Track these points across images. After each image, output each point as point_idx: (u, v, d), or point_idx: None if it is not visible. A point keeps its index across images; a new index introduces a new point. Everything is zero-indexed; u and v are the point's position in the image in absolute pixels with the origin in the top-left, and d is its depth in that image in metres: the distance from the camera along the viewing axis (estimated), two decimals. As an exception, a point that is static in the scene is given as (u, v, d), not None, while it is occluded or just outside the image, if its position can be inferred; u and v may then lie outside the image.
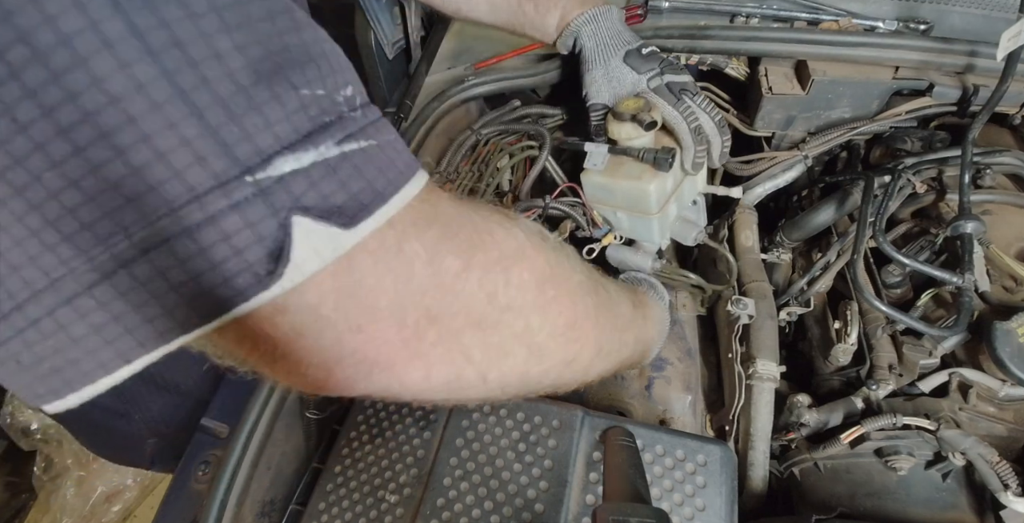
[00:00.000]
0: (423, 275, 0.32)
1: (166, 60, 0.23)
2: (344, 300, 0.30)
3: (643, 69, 0.77)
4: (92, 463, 1.68)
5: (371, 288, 0.30)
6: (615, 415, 0.62)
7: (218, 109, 0.24)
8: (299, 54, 0.27)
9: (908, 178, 0.77)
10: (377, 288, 0.31)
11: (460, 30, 1.09)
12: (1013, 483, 0.57)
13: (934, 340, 0.68)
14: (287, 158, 0.26)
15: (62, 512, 1.64)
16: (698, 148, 0.76)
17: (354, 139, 0.29)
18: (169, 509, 0.65)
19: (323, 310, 0.30)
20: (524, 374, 0.42)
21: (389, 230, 0.30)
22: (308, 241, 0.27)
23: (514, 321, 0.39)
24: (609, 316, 0.51)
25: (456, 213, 0.36)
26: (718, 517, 0.55)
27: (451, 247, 0.34)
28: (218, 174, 0.25)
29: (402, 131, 0.92)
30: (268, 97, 0.25)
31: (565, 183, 0.82)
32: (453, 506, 0.57)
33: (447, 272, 0.34)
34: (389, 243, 0.30)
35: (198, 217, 0.25)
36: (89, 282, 0.25)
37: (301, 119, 0.27)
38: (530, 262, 0.39)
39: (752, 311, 0.75)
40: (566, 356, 0.45)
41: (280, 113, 0.26)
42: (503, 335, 0.38)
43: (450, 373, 0.37)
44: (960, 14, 0.92)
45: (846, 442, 0.64)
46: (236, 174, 0.25)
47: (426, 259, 0.32)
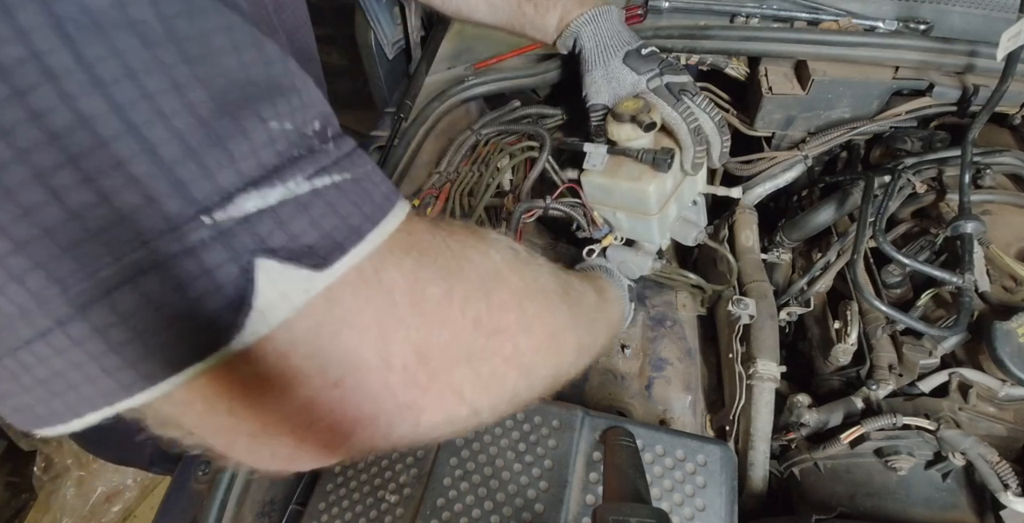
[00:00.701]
0: (404, 305, 0.29)
1: (116, 93, 0.21)
2: (319, 344, 0.26)
3: (643, 70, 0.77)
4: (92, 463, 1.68)
5: (351, 326, 0.27)
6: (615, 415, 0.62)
7: (174, 145, 0.22)
8: (267, 87, 0.25)
9: (908, 178, 0.77)
10: (357, 326, 0.27)
11: (460, 30, 1.09)
12: (1013, 483, 0.57)
13: (934, 340, 0.68)
14: (251, 195, 0.23)
15: (62, 512, 1.64)
16: (697, 149, 0.76)
17: (327, 173, 0.26)
18: (169, 509, 0.65)
19: (294, 359, 0.26)
20: (514, 396, 0.39)
21: (366, 263, 0.27)
22: (275, 286, 0.24)
23: (502, 346, 0.36)
24: (582, 313, 0.50)
25: (432, 240, 0.33)
26: (718, 517, 0.55)
27: (430, 275, 0.31)
28: (171, 217, 0.22)
29: (402, 131, 0.92)
30: (233, 130, 0.23)
31: (565, 184, 0.82)
32: (453, 506, 0.57)
33: (430, 300, 0.31)
34: (367, 275, 0.28)
35: (145, 265, 0.22)
36: (46, 328, 0.22)
37: (268, 154, 0.24)
38: (507, 282, 0.37)
39: (753, 311, 0.75)
40: (553, 366, 0.43)
41: (246, 148, 0.23)
42: (494, 363, 0.36)
43: (443, 417, 0.33)
44: (960, 14, 0.92)
45: (846, 442, 0.64)
46: (191, 215, 0.22)
47: (405, 289, 0.29)
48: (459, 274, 0.34)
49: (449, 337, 0.32)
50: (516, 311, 0.38)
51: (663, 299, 0.88)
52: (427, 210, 0.87)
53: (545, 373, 0.42)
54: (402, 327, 0.29)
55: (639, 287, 0.89)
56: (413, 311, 0.30)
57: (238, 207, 0.23)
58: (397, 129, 0.93)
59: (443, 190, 0.90)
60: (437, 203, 0.89)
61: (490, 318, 0.35)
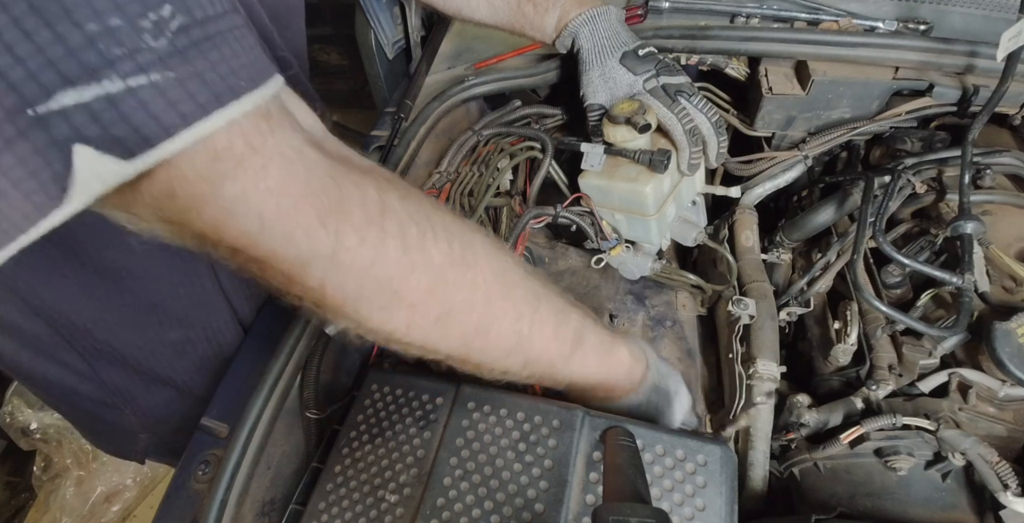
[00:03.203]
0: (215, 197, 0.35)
1: None
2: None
3: (639, 70, 0.77)
4: (91, 463, 1.68)
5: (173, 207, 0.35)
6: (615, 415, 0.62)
7: (6, 56, 0.27)
8: None
9: (908, 178, 0.77)
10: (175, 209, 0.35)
11: (460, 30, 1.09)
12: (1013, 483, 0.57)
13: (934, 340, 0.68)
14: (68, 93, 0.28)
15: (61, 512, 1.64)
16: (693, 149, 0.76)
17: (144, 72, 0.30)
18: (169, 509, 0.65)
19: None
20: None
21: (181, 157, 0.33)
22: (90, 168, 0.30)
23: (318, 296, 0.41)
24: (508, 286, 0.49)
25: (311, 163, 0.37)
26: (718, 517, 0.55)
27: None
28: (8, 108, 0.28)
29: (402, 131, 0.92)
30: (50, 38, 0.28)
31: (571, 193, 0.83)
32: (453, 506, 0.57)
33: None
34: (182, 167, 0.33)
35: (1, 143, 0.29)
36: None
37: (87, 55, 0.28)
38: (340, 270, 0.40)
39: (753, 311, 0.75)
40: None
41: (60, 51, 0.28)
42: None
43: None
44: (960, 14, 0.92)
45: (846, 442, 0.64)
46: (20, 109, 0.28)
47: (196, 211, 0.35)
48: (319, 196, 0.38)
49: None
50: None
51: (663, 299, 0.88)
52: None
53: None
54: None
55: (639, 287, 0.89)
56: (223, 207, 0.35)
57: (57, 102, 0.28)
58: (397, 129, 0.93)
59: (443, 190, 0.90)
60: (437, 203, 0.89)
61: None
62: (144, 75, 0.30)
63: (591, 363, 0.57)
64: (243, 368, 0.78)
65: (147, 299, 0.75)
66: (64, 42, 0.28)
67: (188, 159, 0.33)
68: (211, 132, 0.33)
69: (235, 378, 0.77)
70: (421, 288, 0.43)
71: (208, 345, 0.84)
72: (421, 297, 0.43)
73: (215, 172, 0.34)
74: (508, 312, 0.49)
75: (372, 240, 0.40)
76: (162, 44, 0.30)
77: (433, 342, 0.47)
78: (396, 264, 0.41)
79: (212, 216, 0.35)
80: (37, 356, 0.77)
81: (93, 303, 0.72)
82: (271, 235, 0.37)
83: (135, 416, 0.89)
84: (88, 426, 0.98)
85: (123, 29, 0.29)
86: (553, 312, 0.52)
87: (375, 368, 0.72)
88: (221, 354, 0.86)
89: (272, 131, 0.36)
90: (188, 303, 0.79)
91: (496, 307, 0.48)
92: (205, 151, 0.33)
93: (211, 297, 0.80)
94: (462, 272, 0.45)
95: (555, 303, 0.53)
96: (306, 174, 0.37)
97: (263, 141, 0.35)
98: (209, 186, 0.34)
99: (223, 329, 0.84)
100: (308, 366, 0.72)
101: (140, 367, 0.82)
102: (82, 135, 0.29)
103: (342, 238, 0.39)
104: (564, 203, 0.81)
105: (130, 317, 0.76)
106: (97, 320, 0.74)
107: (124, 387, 0.85)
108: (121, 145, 0.30)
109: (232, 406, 0.70)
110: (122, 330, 0.77)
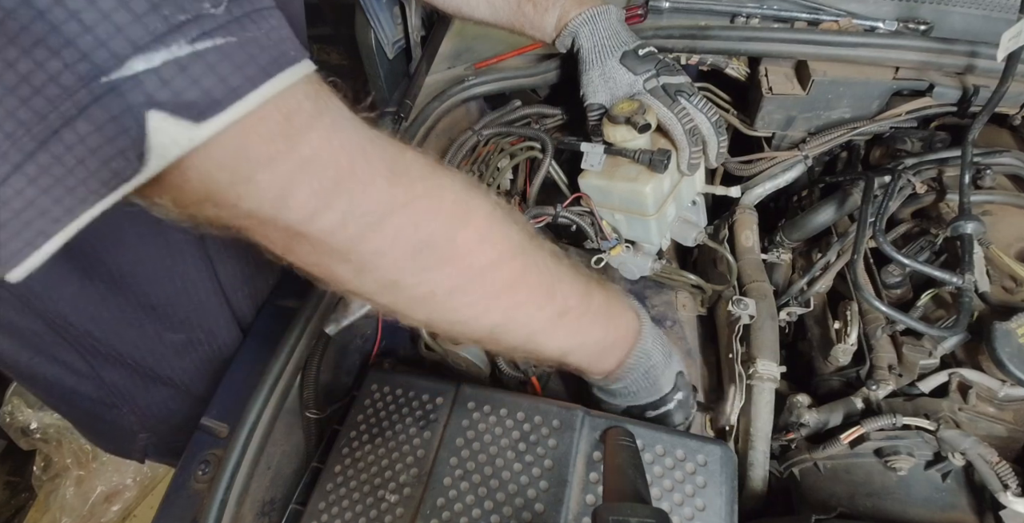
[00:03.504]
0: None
1: None
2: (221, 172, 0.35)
3: (639, 70, 0.77)
4: (91, 462, 1.68)
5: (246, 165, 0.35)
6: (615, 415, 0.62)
7: (73, 23, 0.28)
8: None
9: (908, 178, 0.77)
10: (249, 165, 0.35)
11: (460, 30, 1.09)
12: (1013, 483, 0.57)
13: (934, 340, 0.68)
14: (138, 59, 0.29)
15: (61, 512, 1.64)
16: (693, 149, 0.76)
17: (209, 37, 0.31)
18: (169, 509, 0.65)
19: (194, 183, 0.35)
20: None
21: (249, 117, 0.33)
22: (166, 133, 0.31)
23: (365, 259, 0.42)
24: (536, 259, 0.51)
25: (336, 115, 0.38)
26: (718, 517, 0.55)
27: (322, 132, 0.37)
28: (82, 76, 0.29)
29: (402, 131, 0.92)
30: (115, 4, 0.28)
31: (571, 193, 0.83)
32: (453, 506, 0.57)
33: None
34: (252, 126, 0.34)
35: (72, 112, 0.29)
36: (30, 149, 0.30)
37: (153, 21, 0.29)
38: (401, 222, 0.42)
39: (753, 311, 0.75)
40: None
41: (127, 18, 0.29)
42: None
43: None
44: (960, 14, 0.92)
45: (846, 442, 0.64)
46: (93, 75, 0.29)
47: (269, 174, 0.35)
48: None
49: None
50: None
51: (663, 299, 0.88)
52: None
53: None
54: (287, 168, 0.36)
55: (639, 287, 0.89)
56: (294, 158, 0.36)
57: (129, 68, 0.29)
58: (397, 129, 0.93)
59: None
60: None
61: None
62: (210, 39, 0.31)
63: (597, 326, 0.58)
64: (243, 368, 0.78)
65: (146, 300, 0.75)
66: (128, 8, 0.29)
67: (261, 119, 0.34)
68: (278, 92, 0.33)
69: (235, 378, 0.77)
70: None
71: (208, 345, 0.84)
72: (414, 284, 0.45)
73: (291, 129, 0.35)
74: (535, 273, 0.51)
75: (426, 189, 0.42)
76: (220, 11, 0.31)
77: (448, 323, 0.50)
78: (448, 215, 0.44)
79: (285, 174, 0.36)
80: (36, 355, 0.77)
81: (92, 304, 0.72)
82: (347, 189, 0.38)
83: (134, 415, 0.89)
84: (87, 425, 0.98)
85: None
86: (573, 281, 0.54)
87: (375, 368, 0.72)
88: (221, 354, 0.86)
89: (328, 94, 0.37)
90: (187, 304, 0.79)
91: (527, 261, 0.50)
92: (277, 110, 0.34)
93: (210, 297, 0.80)
94: (444, 271, 0.46)
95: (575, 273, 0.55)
96: (366, 131, 0.39)
97: (325, 102, 0.37)
98: (285, 143, 0.35)
99: (222, 329, 0.84)
100: (308, 366, 0.72)
101: (139, 366, 0.82)
102: (155, 100, 0.30)
103: (410, 190, 0.41)
104: (564, 203, 0.81)
105: (129, 317, 0.76)
106: (96, 320, 0.74)
107: (123, 386, 0.85)
108: (193, 108, 0.31)
109: (232, 406, 0.70)
110: (121, 330, 0.77)
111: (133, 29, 0.29)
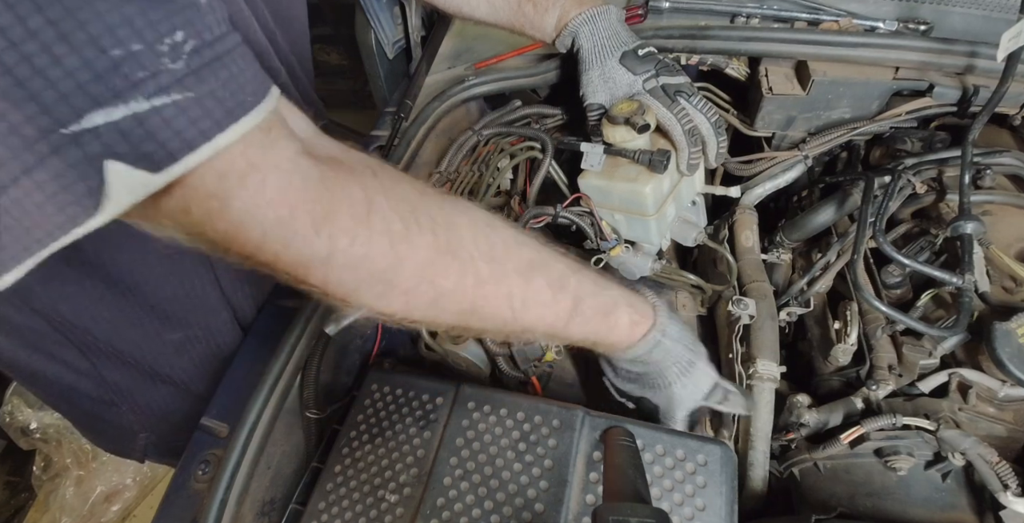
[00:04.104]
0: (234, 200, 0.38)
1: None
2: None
3: (639, 70, 0.77)
4: (91, 462, 1.68)
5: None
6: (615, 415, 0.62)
7: (37, 80, 0.30)
8: (118, 8, 0.30)
9: (908, 178, 0.77)
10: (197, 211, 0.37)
11: (460, 30, 1.09)
12: (1013, 483, 0.57)
13: (934, 340, 0.68)
14: (98, 113, 0.31)
15: (61, 512, 1.64)
16: (692, 149, 0.76)
17: (166, 93, 0.32)
18: (169, 509, 0.65)
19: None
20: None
21: (204, 167, 0.35)
22: (123, 182, 0.33)
23: (324, 290, 0.44)
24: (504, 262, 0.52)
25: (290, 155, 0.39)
26: (718, 517, 0.55)
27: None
28: (43, 128, 0.30)
29: (402, 131, 0.92)
30: (79, 63, 0.30)
31: (571, 193, 0.82)
32: (453, 506, 0.57)
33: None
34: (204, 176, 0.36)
35: (31, 161, 0.31)
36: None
37: (113, 78, 0.31)
38: (337, 268, 0.43)
39: (753, 311, 0.75)
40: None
41: (89, 76, 0.30)
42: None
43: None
44: (960, 15, 0.92)
45: (846, 442, 0.64)
46: (54, 128, 0.31)
47: (211, 221, 0.38)
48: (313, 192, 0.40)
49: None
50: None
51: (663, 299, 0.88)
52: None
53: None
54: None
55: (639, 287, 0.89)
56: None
57: (89, 121, 0.31)
58: (397, 129, 0.93)
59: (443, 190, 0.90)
60: (437, 203, 0.89)
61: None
62: (167, 95, 0.32)
63: (590, 326, 0.58)
64: (243, 368, 0.78)
65: (146, 299, 0.75)
66: (92, 67, 0.30)
67: (199, 177, 0.35)
68: (226, 145, 0.35)
69: (235, 378, 0.77)
70: (411, 277, 0.46)
71: (207, 344, 0.84)
72: (412, 284, 0.46)
73: (222, 189, 0.36)
74: (499, 292, 0.51)
75: (361, 239, 0.42)
76: (180, 66, 0.33)
77: (431, 319, 0.50)
78: (385, 258, 0.44)
79: (223, 228, 0.38)
80: (36, 353, 0.77)
81: (93, 303, 0.72)
82: (273, 243, 0.40)
83: (134, 414, 0.89)
84: (87, 424, 0.98)
85: (144, 53, 0.32)
86: (548, 282, 0.54)
87: (375, 368, 0.72)
88: (220, 354, 0.86)
89: (271, 144, 0.38)
90: (188, 303, 0.79)
91: (486, 289, 0.50)
92: (212, 170, 0.36)
93: (210, 297, 0.80)
94: (448, 260, 0.47)
95: (552, 271, 0.54)
96: (301, 184, 0.40)
97: (263, 156, 0.38)
98: (218, 202, 0.37)
99: (223, 329, 0.84)
100: (308, 366, 0.72)
101: (139, 365, 0.82)
102: (113, 151, 0.32)
103: (335, 241, 0.41)
104: (564, 203, 0.81)
105: (129, 316, 0.76)
106: (97, 319, 0.74)
107: (123, 384, 0.85)
108: (149, 160, 0.33)
109: (232, 406, 0.70)
110: (122, 329, 0.77)
111: (94, 87, 0.30)
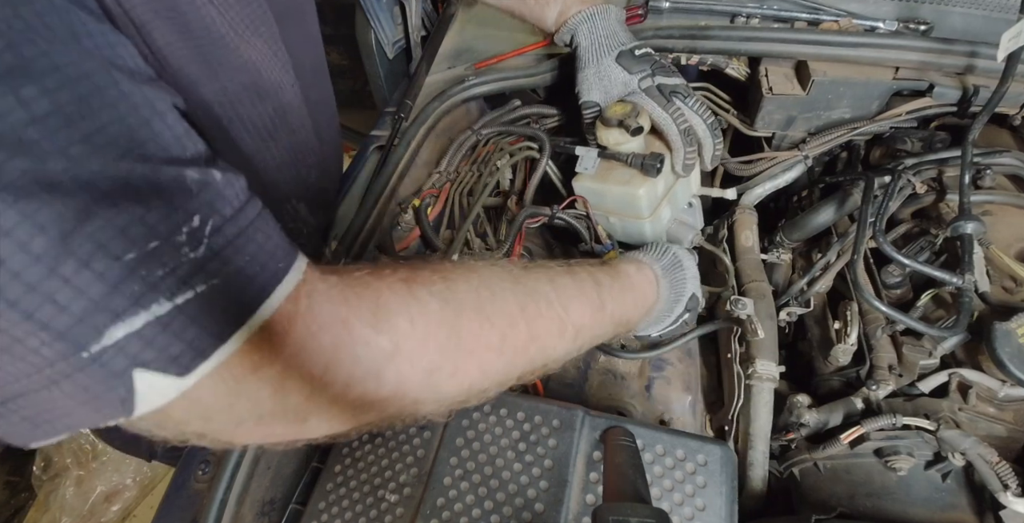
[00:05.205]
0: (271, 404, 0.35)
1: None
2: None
3: (635, 70, 0.77)
4: (91, 462, 1.68)
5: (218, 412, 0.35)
6: (615, 415, 0.62)
7: (48, 307, 0.27)
8: (129, 209, 0.28)
9: (908, 178, 0.77)
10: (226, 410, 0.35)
11: (461, 30, 1.09)
12: (1013, 483, 0.57)
13: (934, 340, 0.68)
14: (119, 326, 0.28)
15: (61, 511, 1.64)
16: (688, 150, 0.76)
17: (189, 286, 0.30)
18: (169, 509, 0.65)
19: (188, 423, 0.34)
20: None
21: (234, 357, 0.32)
22: (152, 389, 0.30)
23: (399, 400, 0.41)
24: (549, 313, 0.51)
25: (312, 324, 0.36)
26: (718, 517, 0.55)
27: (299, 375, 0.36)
28: (61, 352, 0.28)
29: (402, 131, 0.92)
30: (90, 278, 0.27)
31: (569, 195, 0.82)
32: (453, 506, 0.57)
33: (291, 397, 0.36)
34: (234, 369, 0.33)
35: (55, 377, 0.29)
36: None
37: (129, 285, 0.28)
38: (408, 356, 0.40)
39: (751, 311, 0.75)
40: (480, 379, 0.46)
41: (103, 289, 0.28)
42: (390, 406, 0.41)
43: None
44: (960, 15, 0.92)
45: (846, 442, 0.64)
46: (73, 352, 0.28)
47: (270, 391, 0.35)
48: (337, 366, 0.37)
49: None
50: (419, 375, 0.41)
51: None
52: (427, 210, 0.87)
53: (471, 386, 0.45)
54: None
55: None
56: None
57: (110, 337, 0.28)
58: (397, 129, 0.93)
59: (443, 190, 0.90)
60: (437, 203, 0.89)
61: (378, 392, 0.40)
62: (189, 289, 0.30)
63: (623, 309, 0.61)
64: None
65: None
66: (104, 279, 0.27)
67: (239, 357, 0.33)
68: (260, 324, 0.33)
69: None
70: (473, 333, 0.45)
71: None
72: (456, 383, 0.45)
73: (265, 359, 0.34)
74: (542, 347, 0.51)
75: (417, 315, 0.41)
76: (201, 253, 0.30)
77: (503, 384, 0.49)
78: (442, 327, 0.43)
79: (278, 370, 0.35)
80: None
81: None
82: (338, 367, 0.37)
83: None
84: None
85: (161, 249, 0.29)
86: (581, 303, 0.55)
87: (375, 368, 0.72)
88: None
89: (309, 304, 0.36)
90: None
91: (530, 350, 0.49)
92: (252, 347, 0.33)
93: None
94: (466, 358, 0.45)
95: (569, 290, 0.55)
96: (332, 342, 0.37)
97: (305, 318, 0.35)
98: (269, 365, 0.34)
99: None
100: (308, 366, 0.72)
101: None
102: (139, 361, 0.29)
103: (395, 328, 0.39)
104: (560, 205, 0.81)
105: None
106: None
107: None
108: (179, 362, 0.30)
109: (232, 406, 0.70)
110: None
111: (110, 300, 0.28)
